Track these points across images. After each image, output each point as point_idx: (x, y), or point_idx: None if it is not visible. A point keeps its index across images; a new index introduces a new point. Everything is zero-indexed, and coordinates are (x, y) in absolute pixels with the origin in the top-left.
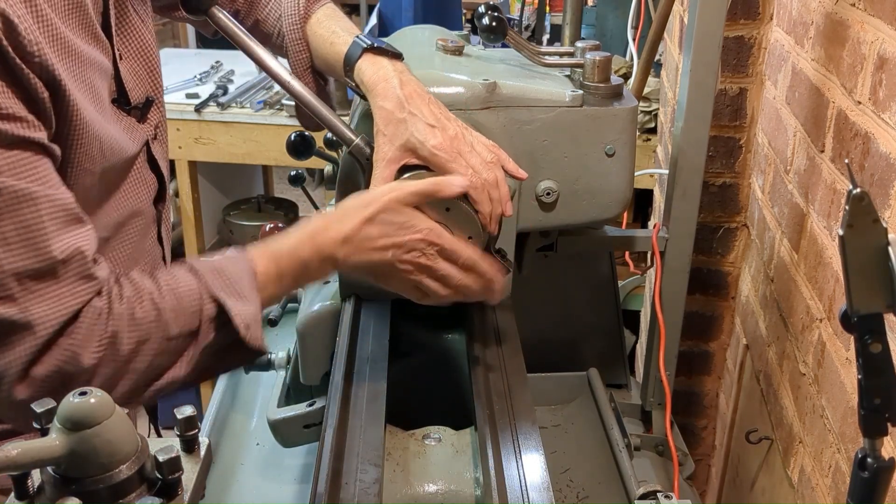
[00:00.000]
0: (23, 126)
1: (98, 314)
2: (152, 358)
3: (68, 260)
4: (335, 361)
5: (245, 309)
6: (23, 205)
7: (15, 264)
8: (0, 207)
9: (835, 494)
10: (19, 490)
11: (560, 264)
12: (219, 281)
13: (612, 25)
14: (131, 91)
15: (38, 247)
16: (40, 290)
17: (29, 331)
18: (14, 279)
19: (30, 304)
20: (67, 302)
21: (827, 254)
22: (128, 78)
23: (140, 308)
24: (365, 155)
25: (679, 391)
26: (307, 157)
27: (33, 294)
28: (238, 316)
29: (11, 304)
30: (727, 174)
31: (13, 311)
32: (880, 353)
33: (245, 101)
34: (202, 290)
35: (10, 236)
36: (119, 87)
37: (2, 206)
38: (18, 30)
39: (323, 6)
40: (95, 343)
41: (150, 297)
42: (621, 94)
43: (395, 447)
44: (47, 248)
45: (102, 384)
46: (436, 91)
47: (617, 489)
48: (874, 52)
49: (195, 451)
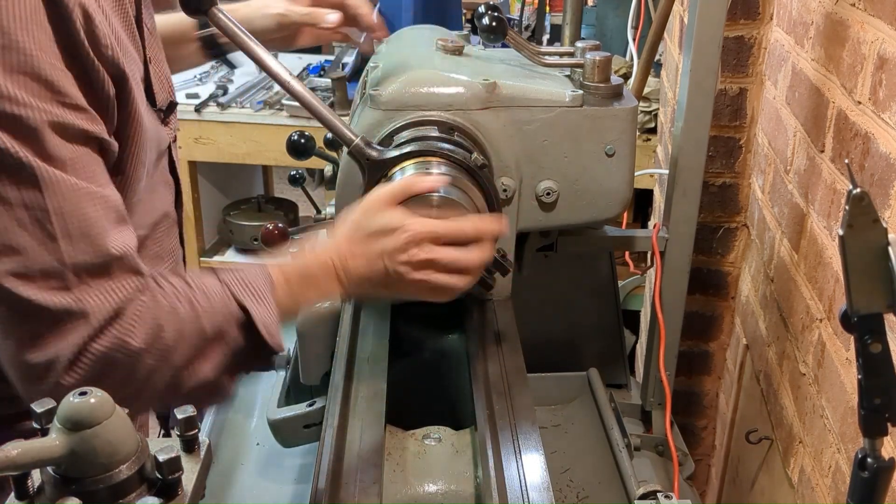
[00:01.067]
0: (86, 119)
1: (144, 305)
2: (189, 354)
3: (121, 257)
4: (335, 361)
5: (264, 312)
6: (84, 201)
7: (76, 258)
8: (65, 202)
9: (835, 494)
10: (19, 490)
11: (560, 264)
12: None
13: (612, 25)
14: (157, 94)
15: (97, 243)
16: (96, 283)
17: (83, 319)
18: (73, 272)
19: (85, 296)
20: (119, 294)
21: (827, 254)
22: (154, 81)
23: (180, 304)
24: (365, 155)
25: (679, 391)
26: (307, 157)
27: (89, 287)
28: (259, 317)
29: (68, 295)
30: (727, 174)
31: (69, 300)
32: (880, 353)
33: (245, 101)
34: (226, 293)
35: (74, 231)
36: (148, 90)
37: (67, 200)
38: (95, 22)
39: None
40: (142, 331)
41: (186, 295)
42: (621, 94)
43: (395, 447)
44: (105, 245)
45: (146, 376)
46: (436, 91)
47: (617, 489)
48: (874, 52)
49: (195, 451)
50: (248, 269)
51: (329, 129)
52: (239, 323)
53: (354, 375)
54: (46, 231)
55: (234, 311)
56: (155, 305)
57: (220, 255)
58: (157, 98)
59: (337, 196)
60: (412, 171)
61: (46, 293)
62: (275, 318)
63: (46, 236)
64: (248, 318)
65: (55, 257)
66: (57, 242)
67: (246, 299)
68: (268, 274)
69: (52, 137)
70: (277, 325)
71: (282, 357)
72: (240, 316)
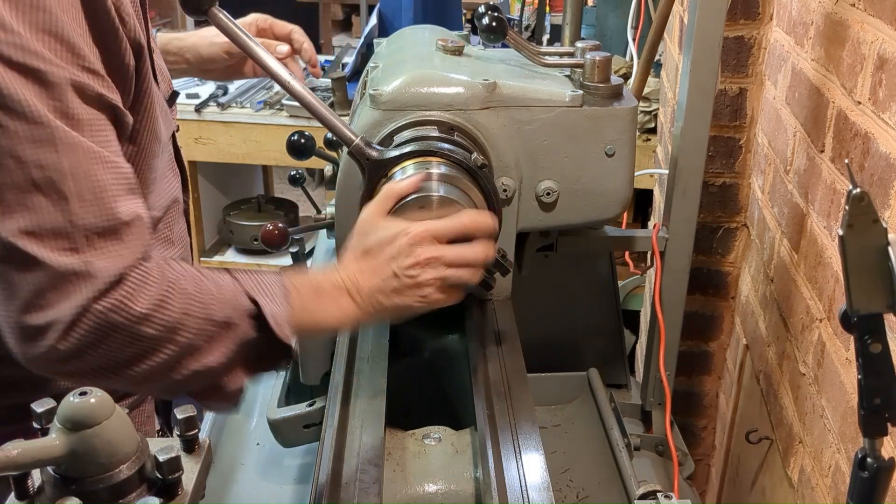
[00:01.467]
0: (104, 86)
1: (149, 273)
2: (194, 335)
3: (131, 223)
4: (335, 361)
5: (276, 308)
6: (96, 165)
7: (86, 220)
8: (79, 164)
9: (835, 494)
10: (19, 490)
11: (560, 264)
12: (252, 282)
13: (612, 25)
14: (160, 83)
15: (107, 206)
16: (103, 247)
17: (87, 280)
18: (82, 233)
19: (92, 258)
20: (125, 258)
21: (827, 254)
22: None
23: (188, 284)
24: (365, 155)
25: (679, 391)
26: (307, 157)
27: (96, 249)
28: (269, 310)
29: (75, 256)
30: (727, 174)
31: (76, 262)
32: (880, 353)
33: (245, 101)
34: (238, 288)
35: (86, 193)
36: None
37: (81, 162)
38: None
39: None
40: (145, 299)
41: (195, 277)
42: (621, 94)
43: (395, 447)
44: (115, 209)
45: (145, 348)
46: (436, 91)
47: (617, 489)
48: (874, 52)
49: (195, 451)
50: (261, 273)
51: (329, 129)
52: (249, 315)
53: (354, 375)
54: (59, 191)
55: (245, 303)
56: (161, 277)
57: (220, 255)
58: (161, 86)
59: (337, 196)
60: (412, 170)
61: (54, 253)
62: (286, 316)
63: (59, 196)
64: (259, 311)
65: (66, 218)
66: (69, 203)
67: (258, 295)
68: (281, 281)
69: (72, 97)
70: (289, 323)
71: None
72: (250, 308)
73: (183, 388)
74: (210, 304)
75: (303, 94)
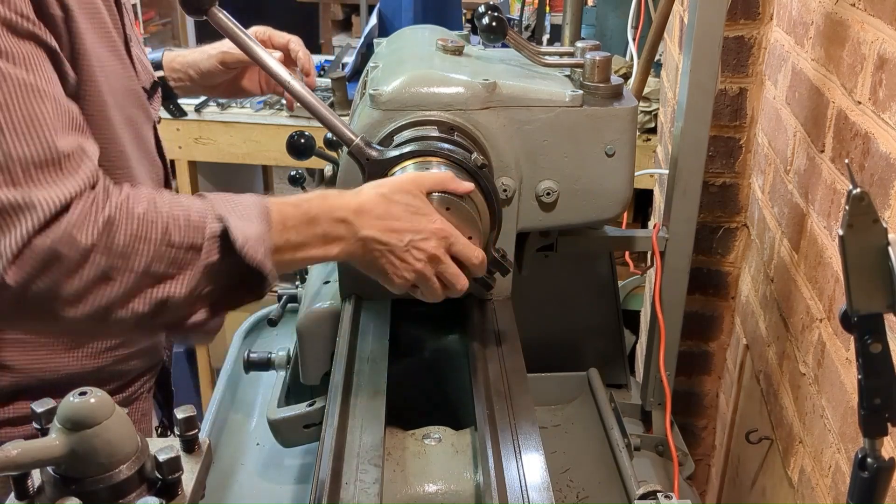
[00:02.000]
0: (36, 27)
1: (94, 200)
2: (151, 261)
3: (71, 155)
4: (335, 361)
5: (247, 227)
6: (32, 97)
7: (22, 151)
8: (10, 96)
9: (835, 494)
10: (19, 490)
11: (560, 264)
12: (227, 205)
13: (612, 25)
14: (139, 74)
15: (44, 138)
16: (43, 179)
17: (29, 212)
18: (20, 165)
19: (32, 189)
20: (68, 188)
21: (827, 254)
22: (136, 62)
23: (140, 206)
24: (365, 155)
25: (679, 391)
26: (307, 157)
27: (36, 181)
28: (238, 230)
29: (14, 189)
30: (727, 174)
31: (16, 194)
32: (880, 353)
33: (245, 101)
34: (208, 209)
35: (19, 125)
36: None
37: (12, 94)
38: None
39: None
40: (90, 226)
41: (152, 200)
42: (621, 94)
43: (395, 447)
44: (53, 141)
45: (97, 274)
46: (436, 91)
47: (617, 489)
48: (874, 52)
49: (195, 451)
50: (241, 196)
51: (329, 129)
52: (216, 236)
53: (354, 375)
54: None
55: (212, 225)
56: (109, 204)
57: None
58: (140, 78)
59: None
60: (412, 170)
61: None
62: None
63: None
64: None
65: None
66: (3, 135)
67: (228, 214)
68: (264, 204)
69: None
70: (263, 244)
71: (282, 357)
72: (217, 230)
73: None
74: (170, 227)
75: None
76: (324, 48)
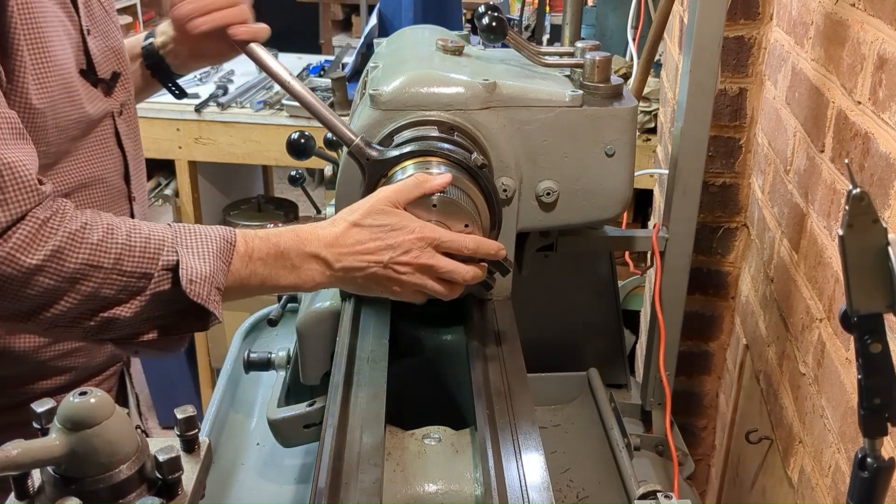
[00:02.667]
0: None
1: (41, 224)
2: (100, 286)
3: (12, 167)
4: (335, 361)
5: (198, 265)
6: None
7: None
8: None
9: (835, 494)
10: (19, 490)
11: (560, 264)
12: (188, 238)
13: (612, 25)
14: (98, 64)
15: None
16: None
17: None
18: None
19: None
20: (10, 208)
21: (827, 254)
22: (95, 53)
23: (95, 234)
24: (365, 155)
25: (679, 391)
26: (307, 157)
27: None
28: (187, 267)
29: None
30: (727, 174)
31: None
32: (880, 353)
33: (245, 101)
34: (167, 240)
35: None
36: (87, 60)
37: None
38: None
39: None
40: (36, 251)
41: (108, 228)
42: (621, 94)
43: (395, 447)
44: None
45: (42, 294)
46: (436, 91)
47: (617, 489)
48: (874, 52)
49: (195, 451)
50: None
51: (329, 129)
52: (167, 268)
53: (354, 375)
54: None
55: (167, 257)
56: (60, 228)
57: None
58: (99, 69)
59: (337, 196)
60: (412, 170)
61: None
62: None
63: None
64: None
65: None
66: None
67: (183, 248)
68: (228, 238)
69: None
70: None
71: (282, 357)
72: (170, 262)
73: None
74: (123, 255)
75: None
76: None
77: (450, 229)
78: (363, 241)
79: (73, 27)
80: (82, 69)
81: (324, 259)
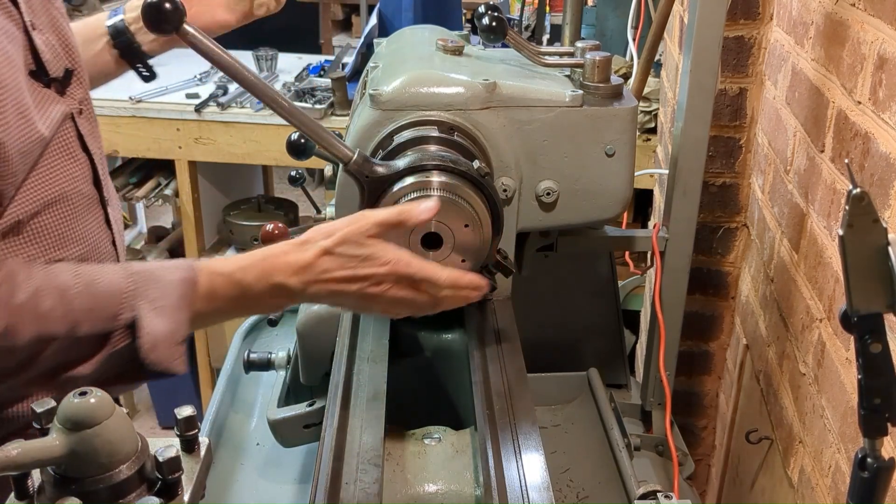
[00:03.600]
0: None
1: None
2: (57, 353)
3: None
4: (335, 361)
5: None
6: None
7: None
8: None
9: (835, 494)
10: (19, 490)
11: (560, 264)
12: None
13: (612, 25)
14: (49, 63)
15: None
16: None
17: None
18: None
19: None
20: None
21: (827, 254)
22: (44, 50)
23: (47, 302)
24: (364, 173)
25: (679, 391)
26: (307, 157)
27: None
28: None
29: None
30: (727, 174)
31: None
32: (880, 353)
33: (245, 101)
34: (127, 294)
35: None
36: (36, 59)
37: None
38: None
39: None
40: None
41: (60, 293)
42: (621, 94)
43: (395, 447)
44: None
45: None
46: (436, 91)
47: (617, 489)
48: (874, 52)
49: (195, 451)
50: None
51: (323, 146)
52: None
53: (354, 375)
54: None
55: (126, 315)
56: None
57: (220, 254)
58: (50, 67)
59: (337, 196)
60: (412, 180)
61: None
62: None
63: None
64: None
65: None
66: None
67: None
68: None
69: None
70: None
71: (282, 357)
72: (129, 319)
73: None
74: (79, 320)
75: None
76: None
77: (449, 228)
78: (332, 270)
79: (15, 25)
80: (32, 70)
81: (290, 288)
